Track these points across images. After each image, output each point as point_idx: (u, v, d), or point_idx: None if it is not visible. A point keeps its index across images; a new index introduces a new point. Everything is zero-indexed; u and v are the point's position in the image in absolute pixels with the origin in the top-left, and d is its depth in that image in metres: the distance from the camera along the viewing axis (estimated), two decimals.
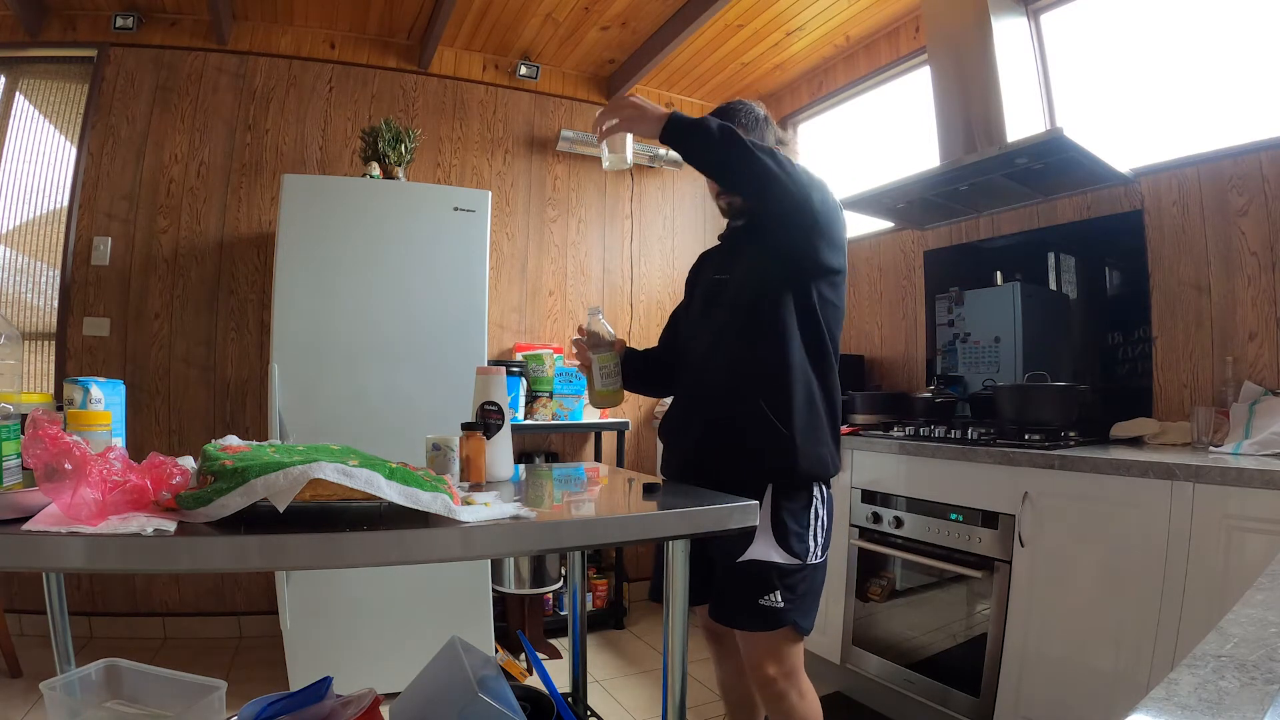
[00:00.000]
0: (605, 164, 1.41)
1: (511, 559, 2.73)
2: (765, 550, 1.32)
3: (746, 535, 1.31)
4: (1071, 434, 2.01)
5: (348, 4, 2.96)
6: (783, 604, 1.32)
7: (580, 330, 1.53)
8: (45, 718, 1.95)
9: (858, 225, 3.06)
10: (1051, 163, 2.11)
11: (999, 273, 2.56)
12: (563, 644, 2.88)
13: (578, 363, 1.57)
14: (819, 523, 1.37)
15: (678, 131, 1.29)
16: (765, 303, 1.36)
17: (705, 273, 1.58)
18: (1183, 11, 2.17)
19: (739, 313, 1.40)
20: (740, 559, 1.33)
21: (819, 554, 1.37)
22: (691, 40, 3.11)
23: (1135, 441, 2.02)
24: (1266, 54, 1.95)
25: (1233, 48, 2.04)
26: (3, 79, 2.88)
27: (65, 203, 2.82)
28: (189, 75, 2.92)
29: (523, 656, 2.63)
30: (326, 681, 1.32)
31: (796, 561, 1.33)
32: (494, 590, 2.61)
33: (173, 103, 2.89)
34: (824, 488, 1.40)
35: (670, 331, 1.67)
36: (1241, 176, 1.96)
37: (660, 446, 3.55)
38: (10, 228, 2.85)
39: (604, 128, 1.34)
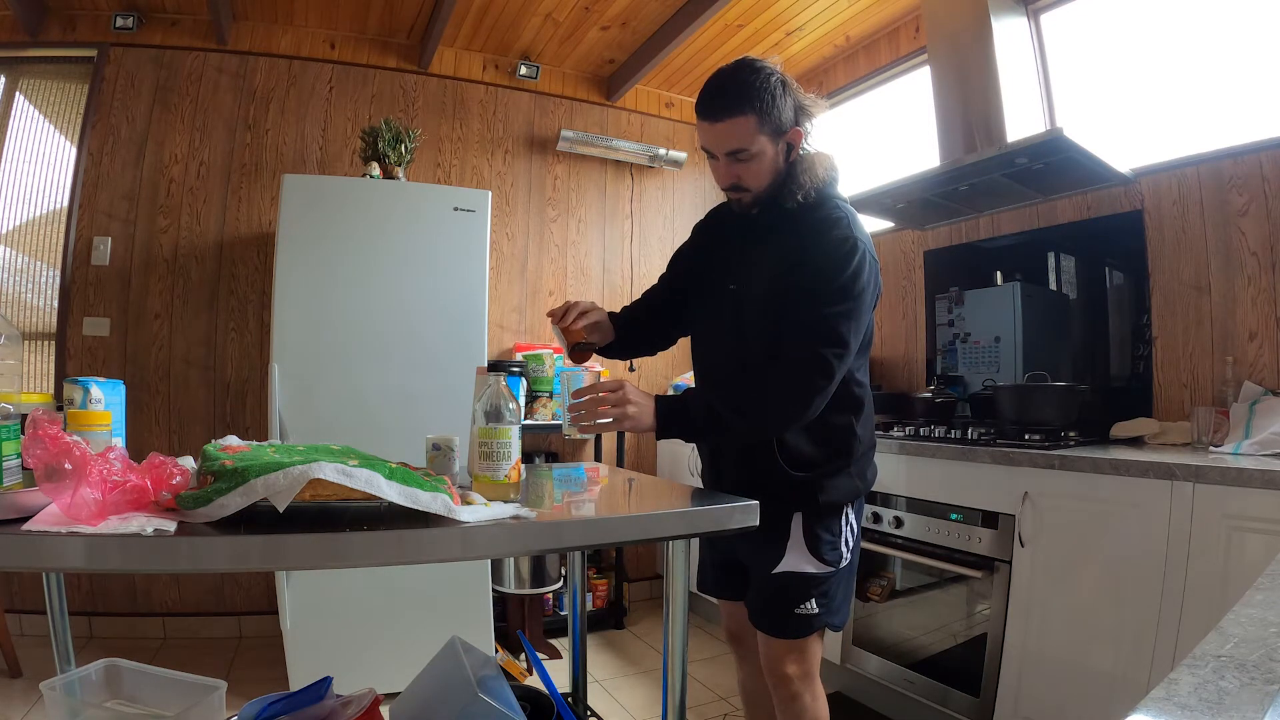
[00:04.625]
0: (566, 433, 1.34)
1: (511, 559, 2.73)
2: (799, 562, 1.31)
3: (779, 547, 1.30)
4: (1071, 434, 2.01)
5: (348, 4, 2.96)
6: (817, 610, 1.31)
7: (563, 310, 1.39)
8: (45, 718, 1.96)
9: None
10: (1051, 163, 2.11)
11: (999, 273, 2.56)
12: (563, 644, 2.88)
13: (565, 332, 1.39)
14: (849, 528, 1.35)
15: (672, 430, 1.23)
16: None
17: (717, 269, 1.41)
18: (1182, 11, 2.17)
19: (756, 342, 1.30)
20: (775, 570, 1.31)
21: (849, 556, 1.36)
22: (691, 40, 3.11)
23: (1135, 441, 2.02)
24: (1266, 54, 1.95)
25: (1233, 48, 2.04)
26: (3, 79, 2.88)
27: (65, 203, 2.82)
28: (189, 75, 2.92)
29: (523, 656, 2.63)
30: (326, 681, 1.32)
31: (830, 569, 1.32)
32: (494, 590, 2.61)
33: (173, 103, 2.89)
34: (856, 500, 1.38)
35: (670, 278, 1.54)
36: (1241, 176, 1.96)
37: (660, 445, 3.55)
38: (10, 228, 2.85)
39: (592, 422, 1.20)
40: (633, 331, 1.52)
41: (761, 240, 1.34)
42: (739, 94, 1.21)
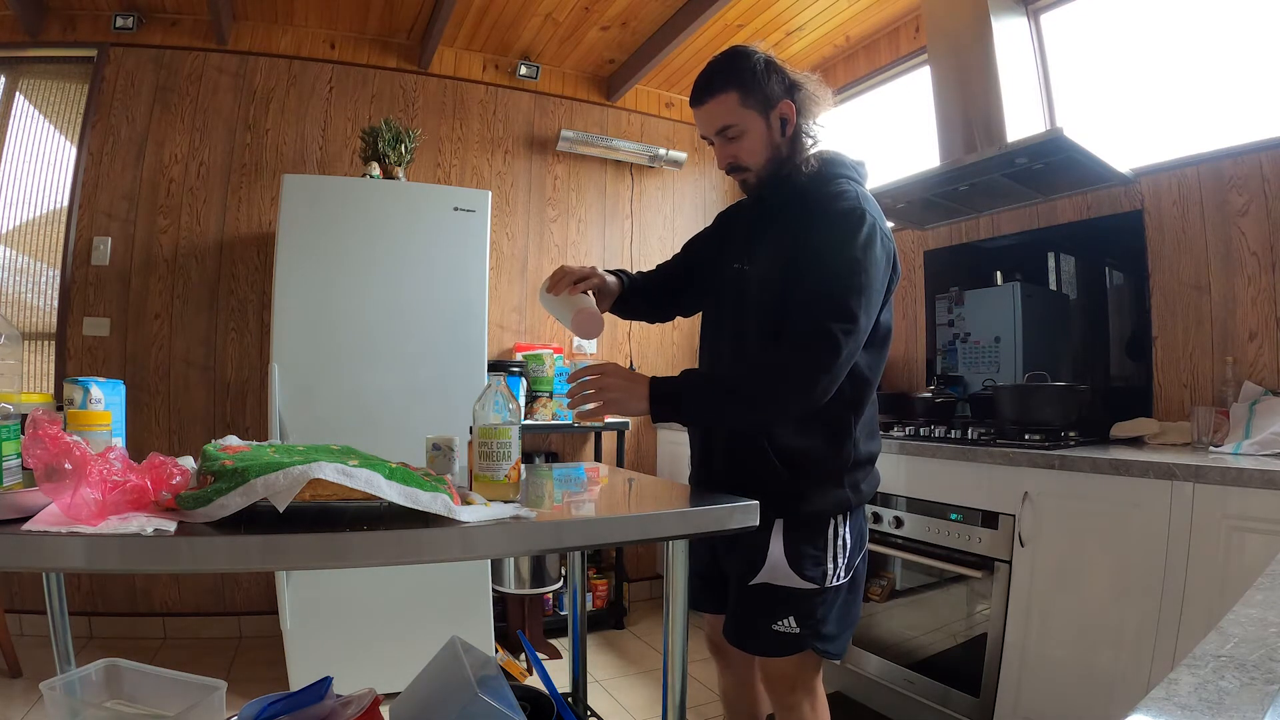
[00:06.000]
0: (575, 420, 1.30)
1: (511, 559, 2.73)
2: (776, 575, 1.22)
3: (759, 558, 1.23)
4: (1071, 434, 2.01)
5: (348, 4, 2.96)
6: (799, 630, 1.22)
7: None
8: (45, 718, 1.96)
9: None
10: (1051, 163, 2.11)
11: (999, 273, 2.56)
12: (563, 644, 2.88)
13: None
14: (839, 543, 1.24)
15: (665, 412, 1.16)
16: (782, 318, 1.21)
17: (728, 252, 1.38)
18: (1183, 11, 2.17)
19: (755, 329, 1.25)
20: (752, 582, 1.24)
21: (841, 575, 1.24)
22: (691, 40, 3.11)
23: (1135, 441, 2.02)
24: (1266, 54, 1.95)
25: (1233, 48, 2.04)
26: (3, 79, 2.88)
27: (65, 203, 2.82)
28: (189, 75, 2.92)
29: (523, 656, 2.63)
30: (326, 681, 1.32)
31: (812, 586, 1.22)
32: (494, 590, 2.61)
33: (173, 103, 2.89)
34: (845, 513, 1.27)
35: (683, 258, 1.52)
36: (1241, 176, 1.96)
37: (660, 445, 3.55)
38: (10, 228, 2.85)
39: (583, 409, 1.18)
40: (634, 296, 1.46)
41: (771, 220, 1.30)
42: (721, 74, 1.25)
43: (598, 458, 3.35)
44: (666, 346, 3.71)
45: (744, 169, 1.28)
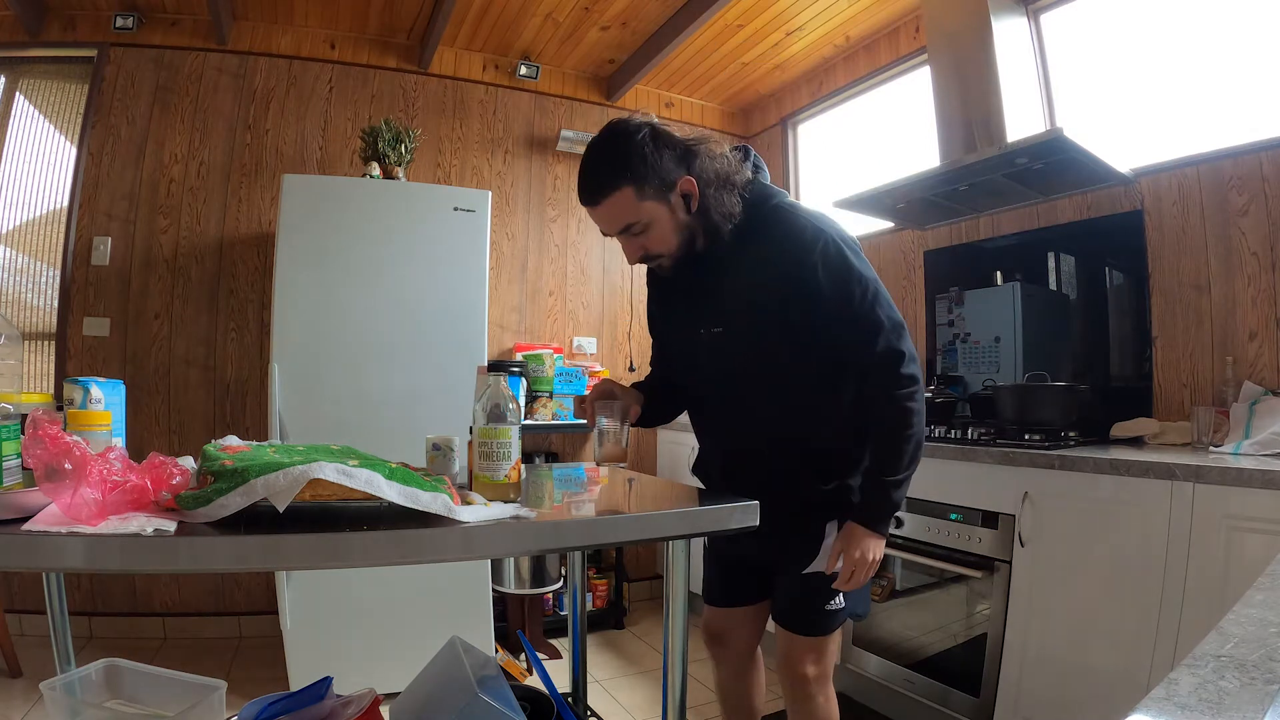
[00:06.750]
0: (599, 461, 1.32)
1: (511, 559, 2.73)
2: (831, 562, 1.30)
3: (812, 549, 1.30)
4: (1071, 434, 2.01)
5: (348, 4, 2.96)
6: (844, 604, 1.33)
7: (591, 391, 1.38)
8: (45, 718, 1.96)
9: (858, 225, 3.06)
10: (1051, 163, 2.11)
11: (999, 273, 2.56)
12: (563, 644, 2.88)
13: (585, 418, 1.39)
14: None
15: (892, 515, 1.26)
16: (793, 363, 1.25)
17: (680, 322, 1.36)
18: (1183, 11, 2.17)
19: (763, 381, 1.28)
20: (806, 571, 1.31)
21: None
22: (691, 40, 3.11)
23: (1135, 441, 2.02)
24: (1266, 54, 1.95)
25: (1233, 48, 2.04)
26: (3, 79, 2.88)
27: (65, 203, 2.82)
28: (189, 75, 2.92)
29: (523, 656, 2.63)
30: (326, 681, 1.32)
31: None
32: (494, 590, 2.61)
33: (173, 103, 2.89)
34: None
35: (664, 356, 1.52)
36: (1241, 176, 1.96)
37: (660, 445, 3.55)
38: (10, 228, 2.84)
39: (849, 584, 1.25)
40: (652, 405, 1.44)
41: (718, 274, 1.26)
42: (609, 168, 1.16)
43: None
44: None
45: (657, 256, 1.24)
